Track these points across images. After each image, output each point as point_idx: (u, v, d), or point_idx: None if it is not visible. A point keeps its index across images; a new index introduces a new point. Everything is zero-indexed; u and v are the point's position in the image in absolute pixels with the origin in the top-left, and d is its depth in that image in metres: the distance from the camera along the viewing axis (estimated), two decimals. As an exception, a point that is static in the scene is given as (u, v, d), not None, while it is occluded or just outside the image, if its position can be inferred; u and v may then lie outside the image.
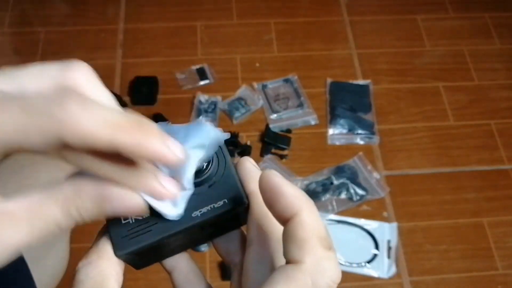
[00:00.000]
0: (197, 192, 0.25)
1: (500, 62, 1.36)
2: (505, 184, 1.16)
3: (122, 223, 0.25)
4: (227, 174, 0.26)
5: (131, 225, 0.25)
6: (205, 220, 0.25)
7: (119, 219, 0.25)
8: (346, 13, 1.42)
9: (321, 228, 0.21)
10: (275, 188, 0.22)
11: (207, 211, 0.25)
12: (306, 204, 0.22)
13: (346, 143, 1.19)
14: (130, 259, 0.26)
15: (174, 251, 0.29)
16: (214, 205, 0.25)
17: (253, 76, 1.27)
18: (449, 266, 1.05)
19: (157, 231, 0.25)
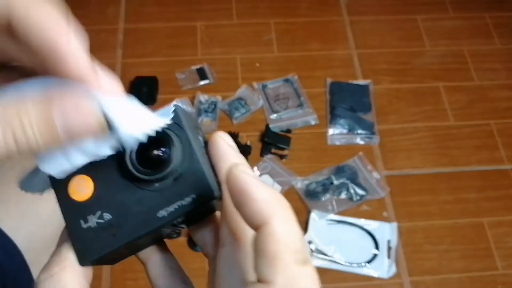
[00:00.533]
0: (162, 187, 0.23)
1: (500, 62, 1.36)
2: (505, 184, 1.16)
3: (83, 227, 0.23)
4: (193, 162, 0.23)
5: (93, 229, 0.23)
6: (172, 220, 0.23)
7: (80, 223, 0.23)
8: (346, 13, 1.42)
9: (295, 239, 0.18)
10: (243, 190, 0.19)
11: (174, 210, 0.22)
12: (278, 209, 0.18)
13: (346, 143, 1.19)
14: (97, 263, 0.24)
15: (145, 246, 0.27)
16: (181, 202, 0.22)
17: (253, 76, 1.27)
18: (449, 266, 1.05)
19: (122, 235, 0.22)
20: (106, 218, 0.23)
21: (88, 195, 0.23)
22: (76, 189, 0.23)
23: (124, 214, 0.23)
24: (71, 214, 0.23)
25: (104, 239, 0.23)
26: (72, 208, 0.23)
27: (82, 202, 0.23)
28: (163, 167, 0.22)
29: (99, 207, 0.23)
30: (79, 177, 0.23)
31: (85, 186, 0.23)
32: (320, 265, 1.02)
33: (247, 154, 1.14)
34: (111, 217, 0.23)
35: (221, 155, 0.23)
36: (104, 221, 0.23)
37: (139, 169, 0.22)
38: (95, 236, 0.23)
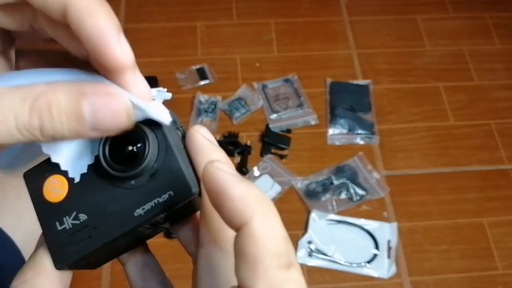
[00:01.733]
0: (137, 185, 0.22)
1: (500, 62, 1.36)
2: (505, 184, 1.16)
3: (58, 229, 0.22)
4: (170, 157, 0.22)
5: (69, 231, 0.22)
6: (150, 219, 0.22)
7: (55, 225, 0.22)
8: (346, 13, 1.42)
9: (277, 241, 0.17)
10: (220, 188, 0.17)
11: (151, 208, 0.21)
12: (259, 208, 0.17)
13: (346, 143, 1.19)
14: (75, 267, 0.23)
15: (126, 248, 0.25)
16: (158, 200, 0.21)
17: (253, 76, 1.27)
18: (449, 266, 1.05)
19: (98, 236, 0.21)
20: (81, 219, 0.22)
21: (63, 195, 0.22)
22: (51, 190, 0.22)
23: (99, 214, 0.22)
24: (46, 216, 0.22)
25: (80, 241, 0.22)
26: (47, 210, 0.22)
27: (57, 203, 0.22)
28: (138, 163, 0.21)
29: (74, 208, 0.22)
30: (54, 177, 0.22)
31: (60, 187, 0.22)
32: (320, 265, 1.02)
33: (247, 154, 1.14)
34: (86, 218, 0.22)
35: (197, 150, 0.22)
36: (80, 222, 0.22)
37: (113, 166, 0.21)
38: (70, 238, 0.22)
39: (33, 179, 0.23)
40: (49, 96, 0.18)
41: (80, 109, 0.18)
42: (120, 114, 0.19)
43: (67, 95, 0.18)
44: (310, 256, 1.02)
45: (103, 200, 0.22)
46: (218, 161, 0.18)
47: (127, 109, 0.19)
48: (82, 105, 0.18)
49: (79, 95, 0.18)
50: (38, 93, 0.18)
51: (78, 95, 0.18)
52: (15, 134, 0.18)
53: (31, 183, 0.23)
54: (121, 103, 0.19)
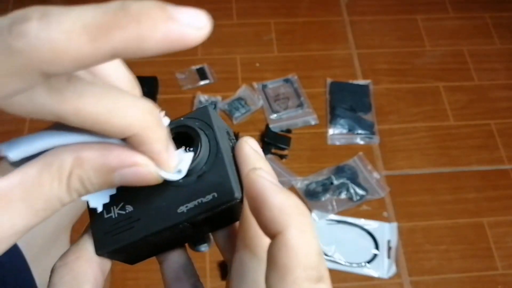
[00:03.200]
0: (184, 184, 0.22)
1: (500, 62, 1.36)
2: (505, 184, 1.16)
3: (105, 217, 0.22)
4: (219, 161, 0.23)
5: (114, 220, 0.22)
6: (192, 217, 0.22)
7: (102, 213, 0.23)
8: (346, 13, 1.42)
9: (309, 254, 0.17)
10: (259, 195, 0.18)
11: (194, 207, 0.22)
12: (295, 219, 0.17)
13: (346, 143, 1.19)
14: (114, 257, 0.23)
15: (165, 247, 0.26)
16: (202, 200, 0.22)
17: (253, 76, 1.27)
18: (449, 266, 1.05)
19: (139, 228, 0.22)
20: (127, 209, 0.22)
21: None
22: None
23: (145, 207, 0.22)
24: None
25: (122, 231, 0.22)
26: None
27: None
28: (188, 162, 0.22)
29: (122, 198, 0.23)
30: None
31: None
32: (320, 265, 1.02)
33: (247, 154, 1.14)
34: (132, 209, 0.22)
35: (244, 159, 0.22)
36: (125, 212, 0.22)
37: None
38: (114, 227, 0.22)
39: None
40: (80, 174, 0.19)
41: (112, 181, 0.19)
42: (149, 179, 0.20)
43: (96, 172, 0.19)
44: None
45: (150, 194, 0.22)
46: (260, 169, 0.18)
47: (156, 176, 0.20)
48: (112, 178, 0.19)
49: (107, 171, 0.19)
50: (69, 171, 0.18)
51: (106, 171, 0.19)
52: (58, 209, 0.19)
53: None
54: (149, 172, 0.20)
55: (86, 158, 0.19)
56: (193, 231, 0.24)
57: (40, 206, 0.18)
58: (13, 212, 0.18)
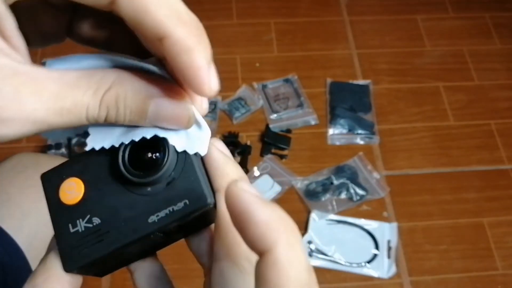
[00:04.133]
0: (153, 192, 0.22)
1: (500, 62, 1.36)
2: (505, 184, 1.16)
3: (71, 232, 0.22)
4: (188, 167, 0.22)
5: (81, 234, 0.21)
6: (163, 226, 0.21)
7: (68, 228, 0.22)
8: (346, 13, 1.42)
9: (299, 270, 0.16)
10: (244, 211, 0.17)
11: (165, 216, 0.21)
12: (283, 235, 0.16)
13: (346, 143, 1.19)
14: (84, 272, 0.23)
15: (137, 257, 0.25)
16: (173, 208, 0.21)
17: (253, 76, 1.27)
18: (449, 266, 1.05)
19: (110, 241, 0.21)
20: (94, 222, 0.21)
21: (78, 198, 0.22)
22: (67, 192, 0.22)
23: (113, 219, 0.21)
24: (60, 218, 0.22)
25: (91, 245, 0.21)
26: (62, 212, 0.22)
27: (72, 205, 0.22)
28: (156, 170, 0.21)
29: (88, 211, 0.22)
30: (70, 180, 0.22)
31: (76, 189, 0.22)
32: (320, 265, 1.02)
33: (247, 154, 1.14)
34: (99, 222, 0.21)
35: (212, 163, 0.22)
36: (93, 225, 0.21)
37: (131, 171, 0.22)
38: (82, 241, 0.21)
39: (50, 181, 0.23)
40: (119, 91, 0.19)
41: (145, 108, 0.19)
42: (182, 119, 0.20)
43: (135, 93, 0.19)
44: (310, 256, 1.02)
45: (118, 205, 0.22)
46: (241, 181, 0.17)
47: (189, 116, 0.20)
48: (147, 105, 0.19)
49: (146, 95, 0.19)
50: (108, 86, 0.19)
51: (145, 95, 0.19)
52: (83, 122, 0.19)
53: (47, 185, 0.23)
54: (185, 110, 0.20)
55: (129, 78, 0.19)
56: (165, 239, 0.24)
57: (67, 105, 0.18)
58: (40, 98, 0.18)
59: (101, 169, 0.22)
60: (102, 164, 0.22)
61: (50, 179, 0.23)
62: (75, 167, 0.23)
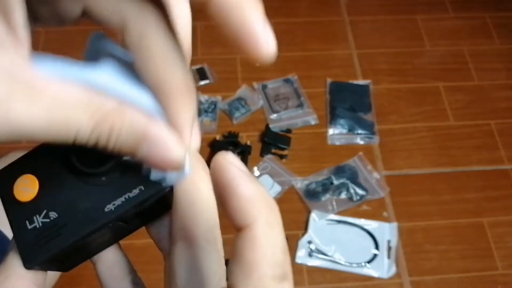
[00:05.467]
0: (108, 181, 0.22)
1: (500, 62, 1.36)
2: (505, 184, 1.16)
3: (28, 229, 0.21)
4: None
5: (39, 230, 0.21)
6: (121, 214, 0.21)
7: (25, 225, 0.21)
8: (346, 13, 1.42)
9: (276, 251, 0.16)
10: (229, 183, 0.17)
11: (121, 203, 0.21)
12: (264, 213, 0.17)
13: (346, 143, 1.19)
14: (46, 267, 0.22)
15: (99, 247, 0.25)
16: (129, 195, 0.21)
17: (253, 76, 1.27)
18: (449, 266, 1.05)
19: (68, 234, 0.21)
20: (51, 217, 0.21)
21: (34, 194, 0.22)
22: (21, 189, 0.22)
23: (70, 212, 0.21)
24: (16, 216, 0.22)
25: (49, 240, 0.21)
26: (18, 210, 0.22)
27: (28, 202, 0.22)
28: (109, 158, 0.21)
29: (44, 206, 0.22)
30: (24, 177, 0.22)
31: (31, 186, 0.22)
32: (320, 265, 1.02)
33: (247, 154, 1.14)
34: (56, 216, 0.21)
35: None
36: (50, 220, 0.21)
37: (84, 162, 0.21)
38: (40, 237, 0.21)
39: (3, 179, 0.22)
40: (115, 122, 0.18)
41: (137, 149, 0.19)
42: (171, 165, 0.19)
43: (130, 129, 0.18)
44: (310, 256, 1.02)
45: (73, 197, 0.22)
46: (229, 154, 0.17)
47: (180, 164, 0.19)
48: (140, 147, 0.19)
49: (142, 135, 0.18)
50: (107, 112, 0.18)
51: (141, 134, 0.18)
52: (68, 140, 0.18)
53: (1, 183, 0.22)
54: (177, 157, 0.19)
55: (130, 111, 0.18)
56: (125, 228, 0.24)
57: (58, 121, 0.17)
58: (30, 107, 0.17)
59: (54, 163, 0.22)
60: (55, 157, 0.22)
61: (3, 177, 0.22)
62: (28, 163, 0.22)
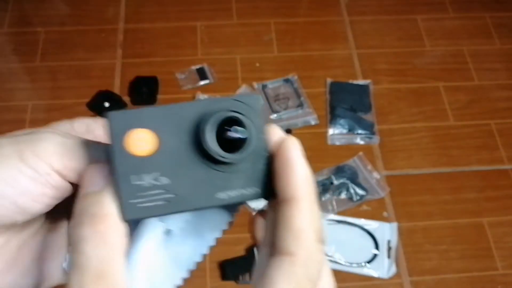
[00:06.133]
0: (228, 171, 0.22)
1: (500, 62, 1.36)
2: (505, 184, 1.16)
3: (132, 183, 0.21)
4: (261, 157, 0.23)
5: (145, 188, 0.21)
6: (227, 204, 0.22)
7: (129, 178, 0.21)
8: (346, 13, 1.42)
9: (318, 220, 0.21)
10: (290, 160, 0.22)
11: (235, 196, 0.22)
12: (310, 191, 0.21)
13: (346, 143, 1.19)
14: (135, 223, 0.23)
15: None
16: (244, 191, 0.22)
17: (253, 76, 1.27)
18: (449, 266, 1.05)
19: (174, 203, 0.21)
20: (163, 181, 0.21)
21: (148, 152, 0.21)
22: (136, 141, 0.21)
23: (183, 184, 0.21)
24: (122, 166, 0.21)
25: (155, 202, 0.21)
26: (125, 161, 0.21)
27: (138, 157, 0.21)
28: (240, 150, 0.22)
29: (157, 168, 0.21)
30: (143, 131, 0.21)
31: (147, 142, 0.21)
32: (320, 265, 1.02)
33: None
34: (169, 182, 0.21)
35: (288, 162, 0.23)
36: (160, 184, 0.21)
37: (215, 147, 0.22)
38: (144, 195, 0.21)
39: (119, 123, 0.21)
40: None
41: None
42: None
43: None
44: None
45: (191, 172, 0.22)
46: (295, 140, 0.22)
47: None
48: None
49: None
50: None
51: None
52: None
53: (115, 126, 0.21)
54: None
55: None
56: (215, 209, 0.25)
57: None
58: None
59: (180, 131, 0.22)
60: (183, 126, 0.22)
61: (119, 121, 0.21)
62: (152, 118, 0.21)
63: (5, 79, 1.25)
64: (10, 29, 1.35)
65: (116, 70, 1.27)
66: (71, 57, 1.29)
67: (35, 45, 1.31)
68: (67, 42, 1.33)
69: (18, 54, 1.33)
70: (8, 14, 1.37)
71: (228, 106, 0.22)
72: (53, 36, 1.33)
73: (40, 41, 1.32)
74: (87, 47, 1.32)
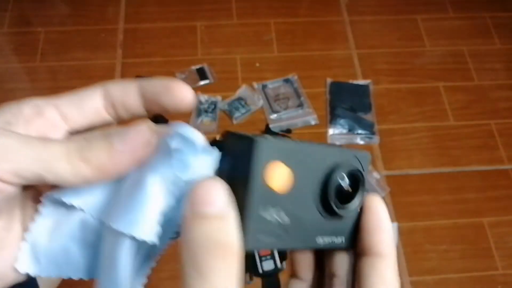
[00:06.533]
0: (330, 218, 0.23)
1: (500, 62, 1.36)
2: (505, 184, 1.16)
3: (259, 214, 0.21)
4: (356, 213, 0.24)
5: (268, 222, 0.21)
6: (321, 248, 0.24)
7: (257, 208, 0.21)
8: (346, 13, 1.42)
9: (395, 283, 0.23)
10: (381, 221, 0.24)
11: (328, 243, 0.24)
12: (394, 251, 0.24)
13: (346, 143, 1.19)
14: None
15: None
16: (334, 240, 0.24)
17: (253, 76, 1.27)
18: (449, 266, 1.05)
19: (285, 240, 0.22)
20: (284, 220, 0.22)
21: (283, 188, 0.21)
22: (275, 175, 0.21)
23: (297, 225, 0.23)
24: (255, 195, 0.21)
25: (271, 236, 0.21)
26: (260, 191, 0.21)
27: (272, 191, 0.21)
28: (347, 202, 0.24)
29: (284, 206, 0.21)
30: (284, 167, 0.21)
31: (285, 179, 0.21)
32: (320, 265, 1.02)
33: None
34: (288, 222, 0.22)
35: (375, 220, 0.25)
36: (281, 222, 0.22)
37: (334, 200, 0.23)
38: (266, 228, 0.21)
39: (263, 152, 0.21)
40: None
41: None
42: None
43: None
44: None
45: (308, 217, 0.23)
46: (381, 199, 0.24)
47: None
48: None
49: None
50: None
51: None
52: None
53: (259, 154, 0.20)
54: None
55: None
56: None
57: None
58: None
59: (314, 177, 0.23)
60: (317, 172, 0.23)
61: (264, 149, 0.21)
62: (293, 155, 0.22)
63: (5, 79, 1.25)
64: (10, 29, 1.35)
65: (116, 70, 1.27)
66: (71, 57, 1.29)
67: (35, 45, 1.31)
68: (67, 42, 1.33)
69: (18, 54, 1.33)
70: (8, 14, 1.37)
71: (351, 159, 0.24)
72: (53, 36, 1.33)
73: (40, 41, 1.32)
74: (87, 47, 1.32)
